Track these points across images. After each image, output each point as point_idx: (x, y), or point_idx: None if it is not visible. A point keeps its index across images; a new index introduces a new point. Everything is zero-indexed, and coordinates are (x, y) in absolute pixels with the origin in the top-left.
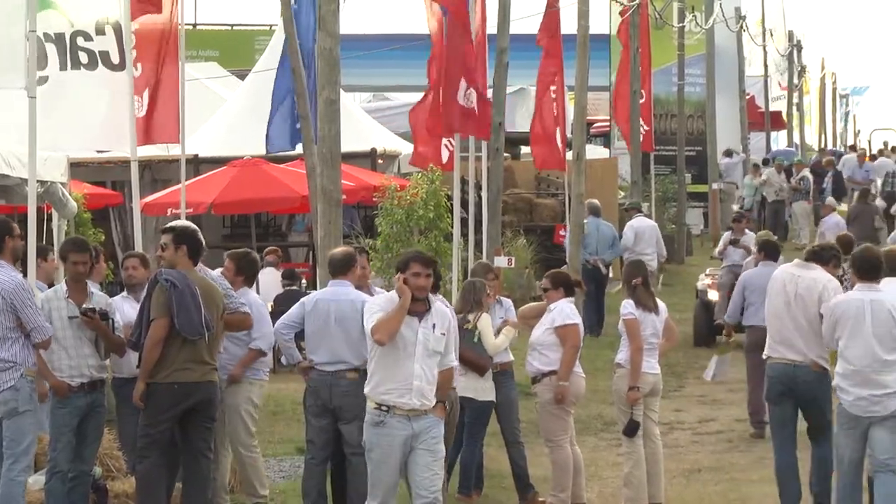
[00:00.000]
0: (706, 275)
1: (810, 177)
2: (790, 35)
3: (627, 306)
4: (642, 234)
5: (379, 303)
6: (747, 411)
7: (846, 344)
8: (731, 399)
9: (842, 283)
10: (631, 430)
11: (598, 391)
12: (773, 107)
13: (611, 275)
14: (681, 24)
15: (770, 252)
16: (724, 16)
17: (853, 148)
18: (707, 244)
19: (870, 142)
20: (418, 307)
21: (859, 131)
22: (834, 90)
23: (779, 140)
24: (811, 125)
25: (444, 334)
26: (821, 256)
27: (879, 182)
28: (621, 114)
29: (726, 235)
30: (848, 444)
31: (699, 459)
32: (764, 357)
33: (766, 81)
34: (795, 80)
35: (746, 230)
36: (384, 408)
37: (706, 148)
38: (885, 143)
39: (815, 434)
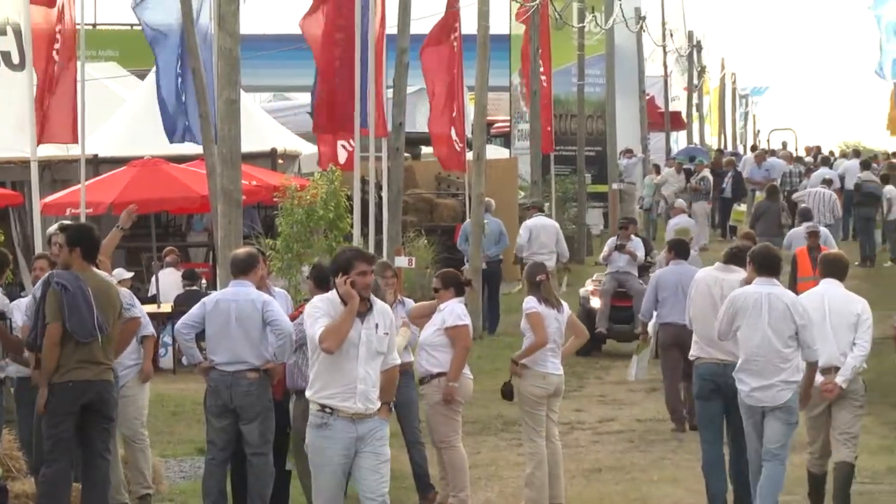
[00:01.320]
0: (591, 281)
1: (710, 177)
2: (690, 35)
3: (530, 302)
4: (538, 233)
5: (320, 306)
6: (666, 408)
7: (745, 335)
8: (631, 399)
9: None
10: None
11: (497, 391)
12: (672, 107)
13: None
14: (581, 25)
15: (679, 251)
16: (623, 16)
17: (754, 148)
18: None
19: (769, 142)
20: (360, 307)
21: (759, 131)
22: (734, 90)
23: (679, 140)
24: (711, 125)
25: (387, 333)
26: (740, 258)
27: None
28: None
29: (611, 241)
30: (750, 433)
31: (600, 459)
32: (692, 357)
33: (665, 81)
34: (695, 81)
35: (633, 236)
36: (328, 410)
37: (606, 148)
38: (784, 144)
39: (736, 435)
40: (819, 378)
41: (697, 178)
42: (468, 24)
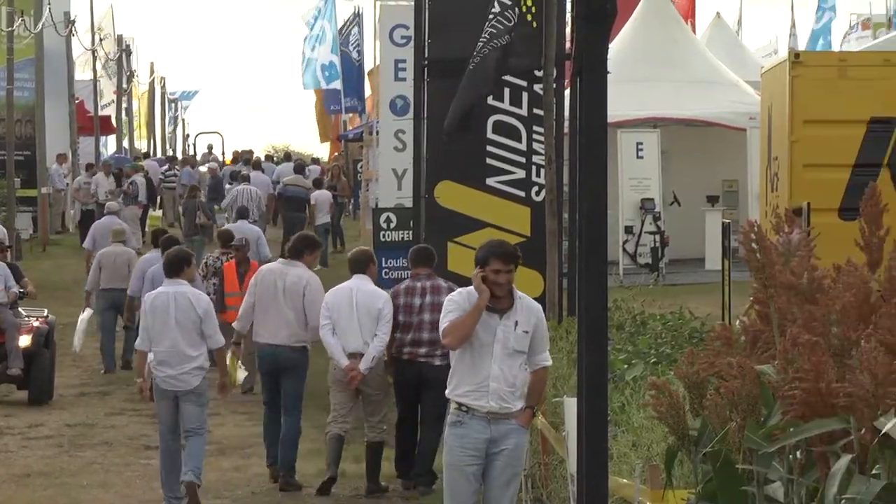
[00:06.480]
0: None
1: (139, 181)
2: (119, 40)
3: None
4: None
5: (457, 300)
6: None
7: (159, 331)
8: (60, 404)
9: None
10: None
11: None
12: (103, 111)
13: None
14: (10, 28)
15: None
16: (53, 20)
17: (171, 158)
18: (37, 248)
19: (195, 145)
20: (501, 303)
21: (188, 135)
22: (163, 95)
23: (108, 144)
24: (141, 130)
25: (527, 332)
26: (300, 252)
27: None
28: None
29: None
30: (163, 412)
31: (29, 464)
32: (254, 339)
33: (95, 86)
34: (125, 85)
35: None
36: (464, 408)
37: (35, 152)
38: (210, 147)
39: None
40: (345, 362)
41: (128, 182)
42: None
